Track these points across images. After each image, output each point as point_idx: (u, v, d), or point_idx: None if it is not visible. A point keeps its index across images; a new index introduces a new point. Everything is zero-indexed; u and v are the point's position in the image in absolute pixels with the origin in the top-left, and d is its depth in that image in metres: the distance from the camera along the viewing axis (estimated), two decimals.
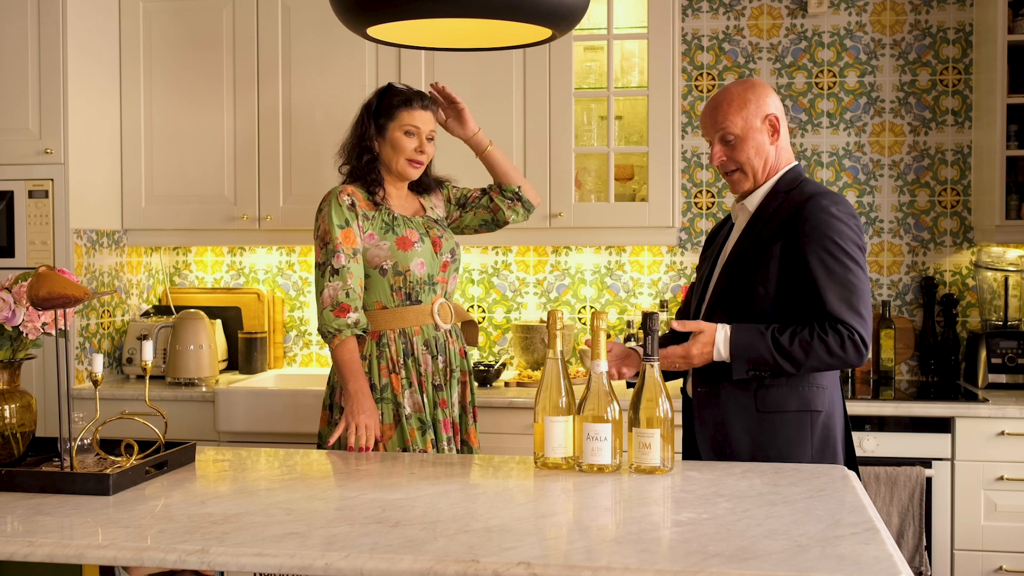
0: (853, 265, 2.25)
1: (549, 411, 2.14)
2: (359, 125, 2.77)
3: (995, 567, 3.17)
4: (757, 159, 2.38)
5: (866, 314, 2.25)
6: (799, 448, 2.30)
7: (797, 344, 2.22)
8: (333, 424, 2.70)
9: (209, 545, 1.63)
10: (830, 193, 2.31)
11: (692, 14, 3.90)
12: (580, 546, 1.64)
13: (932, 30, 3.79)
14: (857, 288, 2.25)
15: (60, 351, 2.18)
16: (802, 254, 2.26)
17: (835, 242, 2.24)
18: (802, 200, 2.30)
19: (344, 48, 3.69)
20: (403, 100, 2.73)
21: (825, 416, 2.33)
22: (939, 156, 3.80)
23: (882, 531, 1.70)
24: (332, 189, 2.72)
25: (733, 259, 2.39)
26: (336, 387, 2.71)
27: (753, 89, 2.40)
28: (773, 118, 2.37)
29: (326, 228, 2.64)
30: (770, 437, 2.30)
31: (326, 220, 2.65)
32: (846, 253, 2.25)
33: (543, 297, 3.98)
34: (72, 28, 3.54)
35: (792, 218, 2.29)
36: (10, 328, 2.12)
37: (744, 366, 2.25)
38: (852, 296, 2.24)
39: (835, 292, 2.23)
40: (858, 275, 2.25)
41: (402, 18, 2.09)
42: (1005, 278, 3.61)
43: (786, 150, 2.42)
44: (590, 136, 3.79)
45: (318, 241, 2.66)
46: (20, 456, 2.14)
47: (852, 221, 2.28)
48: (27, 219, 3.54)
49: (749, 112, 2.37)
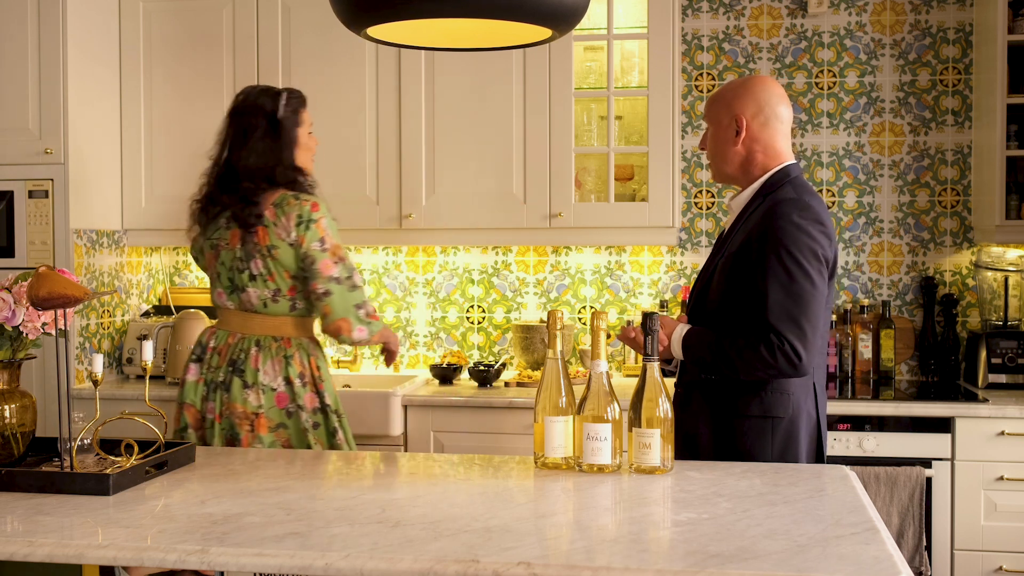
0: (801, 276, 2.23)
1: (549, 411, 2.14)
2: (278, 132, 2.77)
3: (995, 567, 3.17)
4: (717, 155, 2.45)
5: (806, 325, 2.22)
6: (759, 453, 2.31)
7: (735, 351, 2.25)
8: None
9: (209, 545, 1.63)
10: (799, 200, 2.29)
11: (692, 14, 3.90)
12: (580, 546, 1.64)
13: (932, 30, 3.79)
14: (800, 299, 2.22)
15: (60, 351, 2.18)
16: (759, 257, 2.26)
17: (788, 251, 2.23)
18: (773, 204, 2.31)
19: (344, 48, 3.69)
20: (302, 100, 2.81)
21: (787, 423, 2.32)
22: (939, 156, 3.80)
23: (882, 531, 1.70)
24: (312, 200, 2.73)
25: (710, 264, 2.44)
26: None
27: (743, 85, 2.43)
28: (739, 118, 2.39)
29: (336, 243, 2.71)
30: (730, 440, 2.33)
31: (331, 234, 2.71)
32: (796, 263, 2.23)
33: (543, 297, 3.98)
34: (72, 28, 3.54)
35: (759, 226, 2.30)
36: (10, 328, 2.12)
37: (689, 362, 2.35)
38: (794, 307, 2.22)
39: (776, 301, 2.22)
40: (804, 286, 2.23)
41: (402, 18, 2.08)
42: (1005, 278, 3.61)
43: (773, 149, 2.40)
44: (590, 136, 3.79)
45: (330, 252, 2.69)
46: (20, 456, 2.14)
47: (815, 229, 2.25)
48: (27, 219, 3.54)
49: (720, 107, 2.43)
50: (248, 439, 2.70)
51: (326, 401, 2.76)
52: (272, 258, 2.70)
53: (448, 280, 4.03)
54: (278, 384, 2.72)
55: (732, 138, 2.41)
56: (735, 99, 2.41)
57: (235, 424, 2.70)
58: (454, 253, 4.02)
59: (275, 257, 2.70)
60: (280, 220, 2.69)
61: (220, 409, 2.72)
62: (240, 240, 2.72)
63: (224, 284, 2.78)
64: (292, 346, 2.75)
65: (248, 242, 2.71)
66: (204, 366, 2.78)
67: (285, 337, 2.75)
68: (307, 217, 2.69)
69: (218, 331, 2.80)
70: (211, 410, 2.73)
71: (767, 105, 2.40)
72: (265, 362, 2.71)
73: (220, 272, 2.78)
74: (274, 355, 2.73)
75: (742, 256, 2.31)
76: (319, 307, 2.71)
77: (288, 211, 2.69)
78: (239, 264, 2.73)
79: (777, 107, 2.41)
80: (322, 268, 2.68)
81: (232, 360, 2.72)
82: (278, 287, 2.72)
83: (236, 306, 2.77)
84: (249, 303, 2.74)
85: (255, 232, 2.70)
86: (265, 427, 2.70)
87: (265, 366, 2.71)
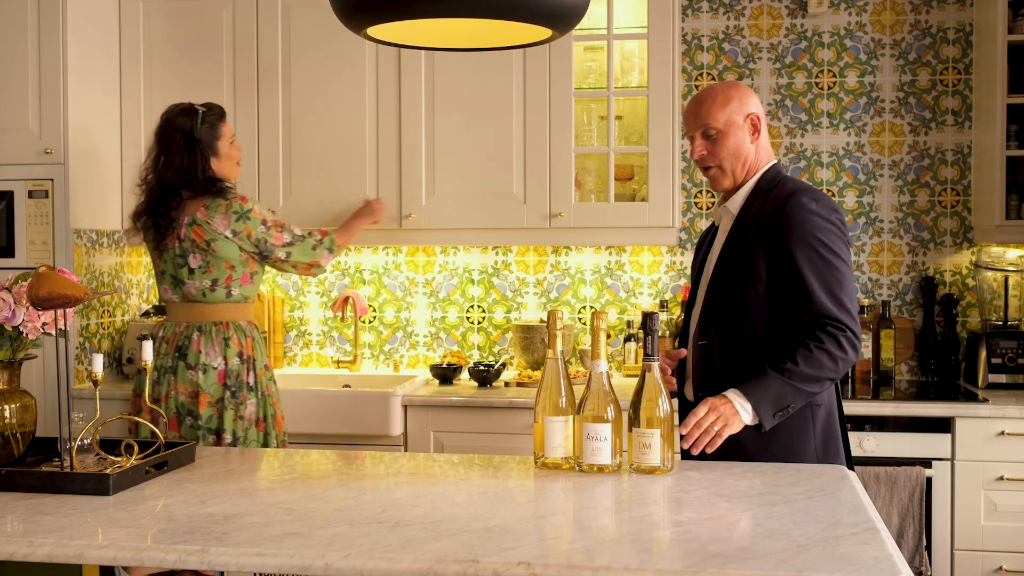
0: (838, 261, 2.27)
1: (549, 411, 2.14)
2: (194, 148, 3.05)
3: (995, 567, 3.17)
4: (736, 156, 2.41)
5: (853, 310, 2.27)
6: (803, 443, 2.30)
7: (804, 364, 2.21)
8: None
9: (209, 545, 1.63)
10: (810, 189, 2.34)
11: (692, 14, 3.90)
12: (580, 546, 1.65)
13: (932, 30, 3.79)
14: (844, 285, 2.26)
15: (60, 351, 2.18)
16: (788, 251, 2.27)
17: (819, 239, 2.26)
18: (783, 197, 2.32)
19: (344, 48, 3.69)
20: (220, 115, 3.10)
21: (825, 411, 2.34)
22: (939, 156, 3.80)
23: (882, 531, 1.70)
24: (237, 196, 3.04)
25: (720, 265, 2.40)
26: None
27: (736, 88, 2.44)
28: (755, 117, 2.41)
29: (273, 219, 3.09)
30: (774, 432, 2.28)
31: (266, 214, 3.08)
32: (830, 249, 2.27)
33: (543, 297, 3.98)
34: (72, 28, 3.54)
35: (774, 216, 2.31)
36: (10, 328, 2.12)
37: (771, 419, 2.21)
38: (841, 292, 2.25)
39: (823, 290, 2.24)
40: (843, 271, 2.27)
41: (402, 18, 2.08)
42: (1005, 278, 3.61)
43: (766, 149, 2.45)
44: (590, 136, 3.79)
45: (273, 227, 3.05)
46: (20, 456, 2.14)
47: (834, 216, 2.30)
48: (27, 219, 3.54)
49: (732, 109, 2.41)
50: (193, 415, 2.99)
51: (261, 380, 3.06)
52: (211, 252, 3.00)
53: (448, 280, 4.03)
54: (219, 363, 3.01)
55: (751, 138, 2.42)
56: (742, 100, 2.41)
57: (185, 403, 2.99)
58: (454, 253, 4.02)
59: (214, 251, 3.00)
60: (213, 219, 2.99)
61: (167, 391, 3.01)
62: (176, 240, 3.02)
63: (168, 281, 3.09)
64: (230, 329, 3.05)
65: (184, 240, 3.00)
66: (155, 355, 3.05)
67: (224, 321, 3.05)
68: (242, 211, 3.01)
69: (166, 323, 3.11)
70: (160, 393, 3.02)
71: (760, 105, 2.47)
72: (206, 344, 3.01)
73: (164, 270, 3.09)
74: (214, 338, 3.02)
75: (761, 254, 2.30)
76: (288, 267, 3.13)
77: (220, 211, 3.00)
78: (178, 261, 3.04)
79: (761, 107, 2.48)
80: (275, 242, 3.06)
81: (178, 346, 3.02)
82: (215, 277, 3.03)
83: (180, 298, 3.07)
84: (190, 294, 3.05)
85: (191, 231, 2.99)
86: (205, 403, 2.98)
87: (207, 348, 3.00)
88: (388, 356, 4.06)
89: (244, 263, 3.05)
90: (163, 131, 3.07)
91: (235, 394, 3.00)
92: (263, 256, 3.07)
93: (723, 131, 2.40)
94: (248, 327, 3.09)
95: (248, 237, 3.02)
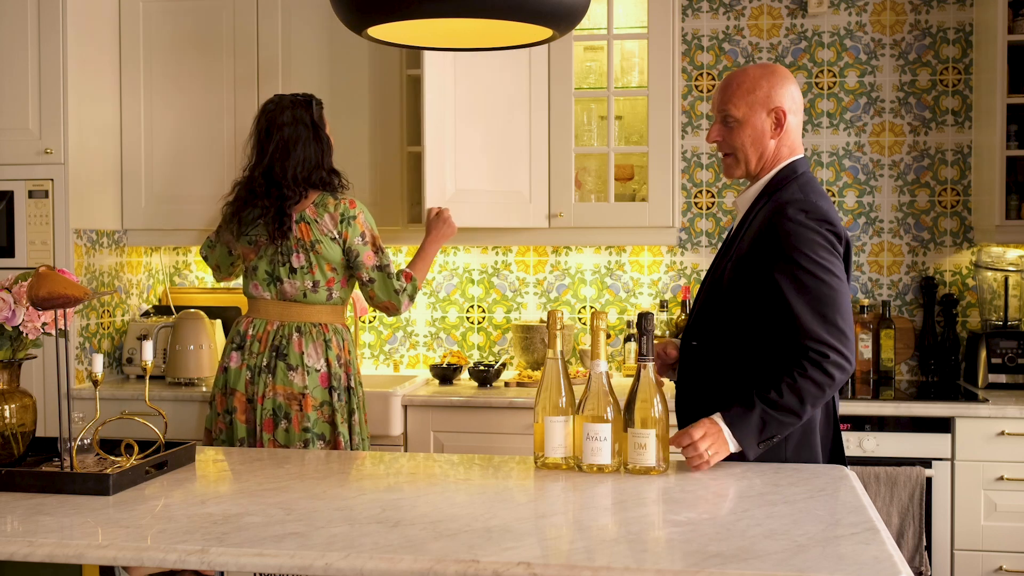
0: (826, 275, 2.15)
1: (549, 411, 2.14)
2: (319, 139, 3.01)
3: (995, 567, 3.17)
4: (752, 149, 2.32)
5: (844, 326, 2.14)
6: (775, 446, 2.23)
7: (789, 394, 2.13)
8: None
9: (209, 545, 1.63)
10: (802, 200, 2.22)
11: (692, 14, 3.90)
12: (580, 546, 1.65)
13: (932, 30, 3.79)
14: (833, 300, 2.15)
15: (60, 351, 2.18)
16: (772, 277, 2.18)
17: (804, 253, 2.16)
18: (777, 206, 2.23)
19: (344, 48, 3.69)
20: (322, 104, 3.05)
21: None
22: (939, 156, 3.80)
23: (882, 531, 1.70)
24: (348, 198, 2.99)
25: (716, 267, 2.36)
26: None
27: (771, 77, 2.31)
28: (780, 111, 2.30)
29: (374, 234, 3.01)
30: None
31: (370, 226, 3.00)
32: (816, 263, 2.15)
33: (543, 297, 3.98)
34: (72, 28, 3.54)
35: (764, 230, 2.22)
36: (10, 328, 2.12)
37: (756, 449, 2.16)
38: (828, 310, 2.14)
39: (809, 312, 2.14)
40: (831, 284, 2.15)
41: (402, 18, 2.08)
42: (1005, 278, 3.61)
43: (789, 145, 2.33)
44: (590, 136, 3.79)
45: (370, 244, 2.98)
46: (20, 456, 2.14)
47: (824, 227, 2.18)
48: (27, 219, 3.54)
49: (756, 99, 2.30)
50: (298, 418, 2.94)
51: (355, 382, 3.03)
52: (315, 252, 2.95)
53: (448, 280, 4.03)
54: (321, 365, 2.96)
55: (771, 131, 2.31)
56: (773, 90, 2.30)
57: (283, 405, 2.94)
58: (454, 253, 4.02)
59: (318, 252, 2.95)
60: (323, 218, 2.94)
61: (264, 391, 2.94)
62: (281, 236, 2.94)
63: (261, 277, 3.01)
64: (330, 331, 3.01)
65: (289, 238, 2.94)
66: (245, 352, 2.99)
67: (323, 323, 3.00)
68: (348, 215, 2.96)
69: (255, 320, 3.02)
70: (256, 393, 2.95)
71: (798, 97, 2.34)
72: (308, 346, 2.96)
73: (258, 266, 3.02)
74: (315, 339, 2.97)
75: (751, 265, 2.23)
76: (365, 291, 3.03)
77: (329, 210, 2.95)
78: (280, 259, 2.98)
79: (800, 99, 2.36)
80: (365, 260, 2.98)
81: (274, 346, 2.96)
82: (317, 279, 2.97)
83: (273, 296, 3.01)
84: (288, 293, 2.98)
85: (297, 229, 2.94)
86: (311, 406, 2.94)
87: (308, 349, 2.95)
88: (388, 356, 4.06)
89: (344, 266, 3.01)
90: (282, 123, 2.97)
91: (340, 396, 2.97)
92: (351, 267, 3.01)
93: (741, 121, 2.30)
94: (343, 329, 3.06)
95: (344, 242, 2.96)
